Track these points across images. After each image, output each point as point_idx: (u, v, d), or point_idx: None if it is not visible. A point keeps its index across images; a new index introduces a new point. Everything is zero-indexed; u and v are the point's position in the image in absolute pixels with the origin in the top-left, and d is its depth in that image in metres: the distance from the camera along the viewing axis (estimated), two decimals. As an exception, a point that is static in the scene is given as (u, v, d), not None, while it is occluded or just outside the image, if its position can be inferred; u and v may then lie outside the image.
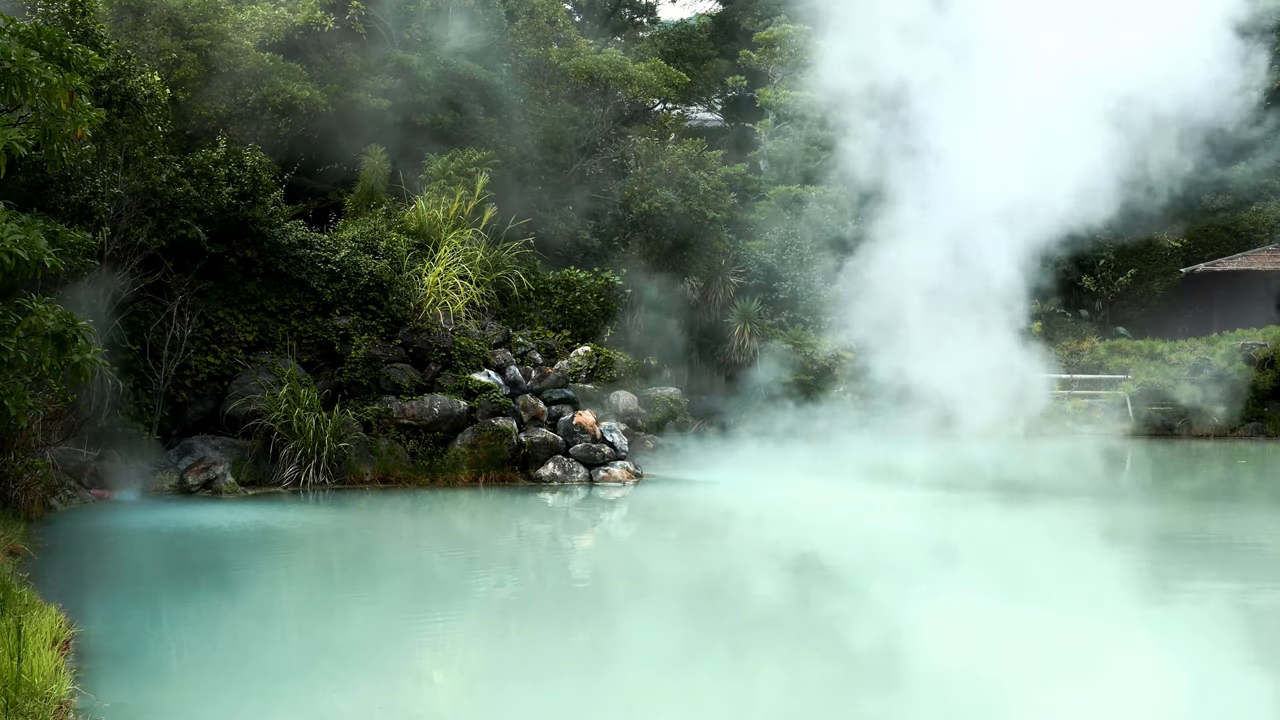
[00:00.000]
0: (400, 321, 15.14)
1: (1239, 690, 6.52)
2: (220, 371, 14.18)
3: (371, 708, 5.98)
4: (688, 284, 20.88)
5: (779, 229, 22.22)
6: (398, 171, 18.11)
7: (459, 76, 19.54)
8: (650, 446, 16.60)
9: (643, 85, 21.63)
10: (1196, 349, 23.52)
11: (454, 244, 16.04)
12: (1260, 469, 18.73)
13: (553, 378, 15.80)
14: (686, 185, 20.02)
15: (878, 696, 6.39)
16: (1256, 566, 10.40)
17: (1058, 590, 9.31)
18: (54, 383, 10.53)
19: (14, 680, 5.15)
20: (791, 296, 21.50)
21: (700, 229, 20.19)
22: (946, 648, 7.41)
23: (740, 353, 20.43)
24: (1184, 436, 22.37)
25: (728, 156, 25.37)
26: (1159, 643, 7.67)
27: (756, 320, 20.55)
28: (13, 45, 6.49)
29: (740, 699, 6.34)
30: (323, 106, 18.13)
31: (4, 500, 10.42)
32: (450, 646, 7.50)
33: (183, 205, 13.36)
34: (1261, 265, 26.39)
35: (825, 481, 15.17)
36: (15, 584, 7.03)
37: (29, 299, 6.94)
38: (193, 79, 16.44)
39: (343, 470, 13.79)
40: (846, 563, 10.65)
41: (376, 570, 9.92)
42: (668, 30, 33.55)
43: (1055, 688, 6.46)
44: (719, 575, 9.92)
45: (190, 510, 12.07)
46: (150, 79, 12.43)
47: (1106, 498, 14.33)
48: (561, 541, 11.87)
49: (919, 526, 12.49)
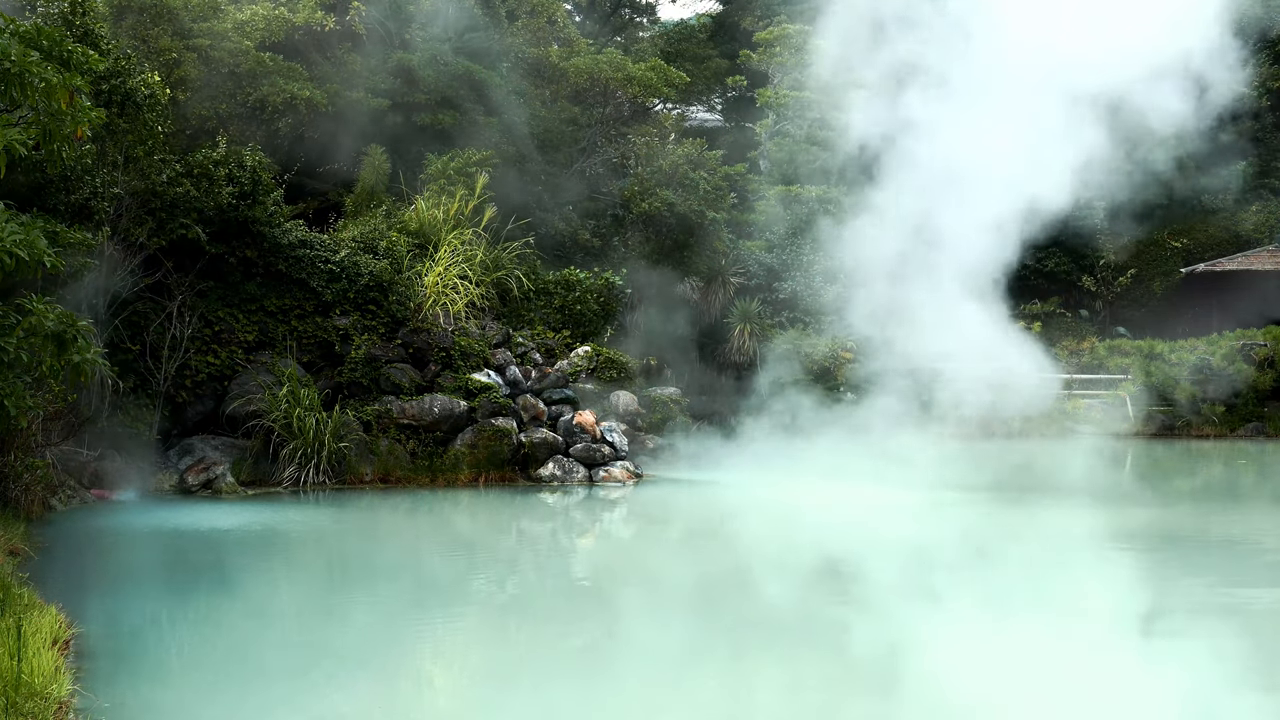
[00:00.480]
0: (400, 321, 15.14)
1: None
2: (220, 371, 14.18)
3: (371, 708, 5.98)
4: (688, 284, 20.88)
5: (779, 229, 22.22)
6: (398, 171, 18.11)
7: (459, 76, 19.54)
8: (650, 446, 16.60)
9: (643, 85, 21.63)
10: (1196, 349, 23.50)
11: (454, 244, 16.04)
12: (1260, 469, 18.73)
13: (553, 378, 15.80)
14: (686, 185, 20.02)
15: (878, 698, 6.39)
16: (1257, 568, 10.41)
17: (1062, 593, 9.31)
18: (54, 383, 10.52)
19: (14, 680, 5.15)
20: (791, 296, 21.50)
21: (700, 229, 20.18)
22: (946, 649, 7.41)
23: (740, 353, 20.42)
24: (1184, 436, 22.37)
25: (728, 156, 25.37)
26: (1168, 654, 7.66)
27: (756, 320, 20.55)
28: (13, 45, 6.49)
29: (740, 699, 6.34)
30: (323, 106, 18.14)
31: (4, 500, 10.42)
32: (450, 647, 7.50)
33: (183, 205, 13.36)
34: (1261, 265, 26.38)
35: (826, 481, 15.17)
36: (15, 584, 7.03)
37: (29, 299, 6.94)
38: (193, 79, 16.44)
39: (343, 470, 13.79)
40: (847, 563, 10.64)
41: (376, 570, 9.92)
42: (668, 30, 33.54)
43: (1070, 695, 6.46)
44: (719, 575, 9.91)
45: (190, 510, 12.07)
46: (150, 79, 12.43)
47: (1108, 498, 14.32)
48: (561, 542, 11.88)
49: (919, 527, 12.49)
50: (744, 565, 10.45)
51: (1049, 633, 7.78)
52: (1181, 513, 13.69)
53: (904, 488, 14.29)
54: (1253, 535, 12.24)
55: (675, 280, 20.57)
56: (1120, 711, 6.13)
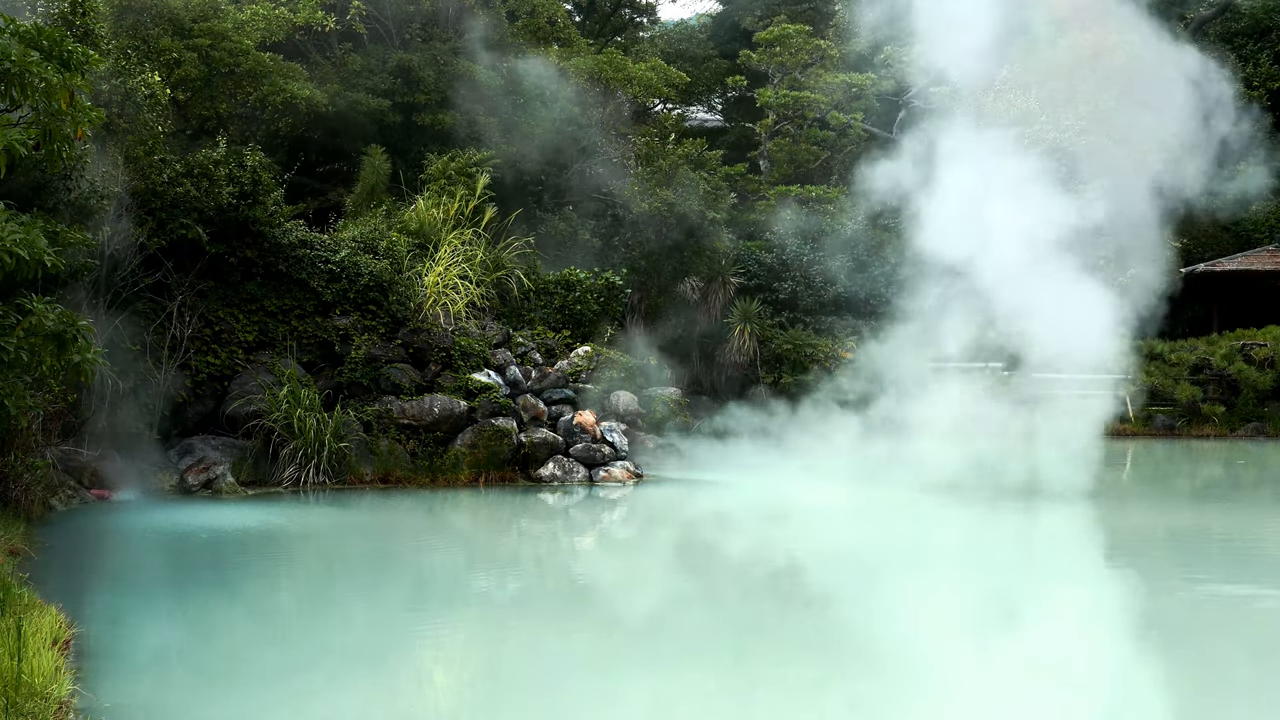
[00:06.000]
0: (400, 321, 15.14)
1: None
2: (220, 371, 14.18)
3: (371, 708, 5.98)
4: (688, 284, 20.88)
5: (779, 229, 22.21)
6: (398, 171, 18.12)
7: (459, 76, 19.55)
8: (650, 446, 16.60)
9: (643, 85, 21.64)
10: (1196, 349, 23.50)
11: (454, 244, 16.04)
12: (1261, 469, 18.73)
13: (553, 378, 15.80)
14: (686, 185, 20.02)
15: (878, 699, 6.39)
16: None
17: (1066, 595, 9.31)
18: (54, 383, 10.55)
19: (14, 680, 5.15)
20: (791, 296, 21.50)
21: (700, 229, 20.19)
22: (946, 649, 7.41)
23: (740, 353, 20.42)
24: (1184, 436, 22.37)
25: (728, 156, 25.37)
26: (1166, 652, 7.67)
27: (756, 320, 20.55)
28: (13, 45, 6.49)
29: (741, 699, 6.34)
30: (323, 106, 18.14)
31: (4, 500, 10.42)
32: (450, 647, 7.50)
33: (183, 205, 13.36)
34: (1261, 265, 26.37)
35: (827, 482, 15.17)
36: (15, 584, 7.03)
37: (29, 299, 6.94)
38: (193, 79, 16.45)
39: (343, 470, 13.79)
40: (847, 564, 10.64)
41: (377, 570, 9.92)
42: (668, 30, 33.59)
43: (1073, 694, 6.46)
44: (719, 576, 9.92)
45: (190, 510, 12.07)
46: (150, 79, 12.44)
47: (1108, 499, 14.30)
48: (562, 541, 11.88)
49: (920, 528, 12.49)
50: (744, 565, 10.44)
51: (1060, 635, 7.78)
52: (1211, 512, 13.68)
53: (907, 488, 14.27)
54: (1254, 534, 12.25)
55: (675, 280, 20.57)
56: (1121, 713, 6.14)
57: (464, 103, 19.44)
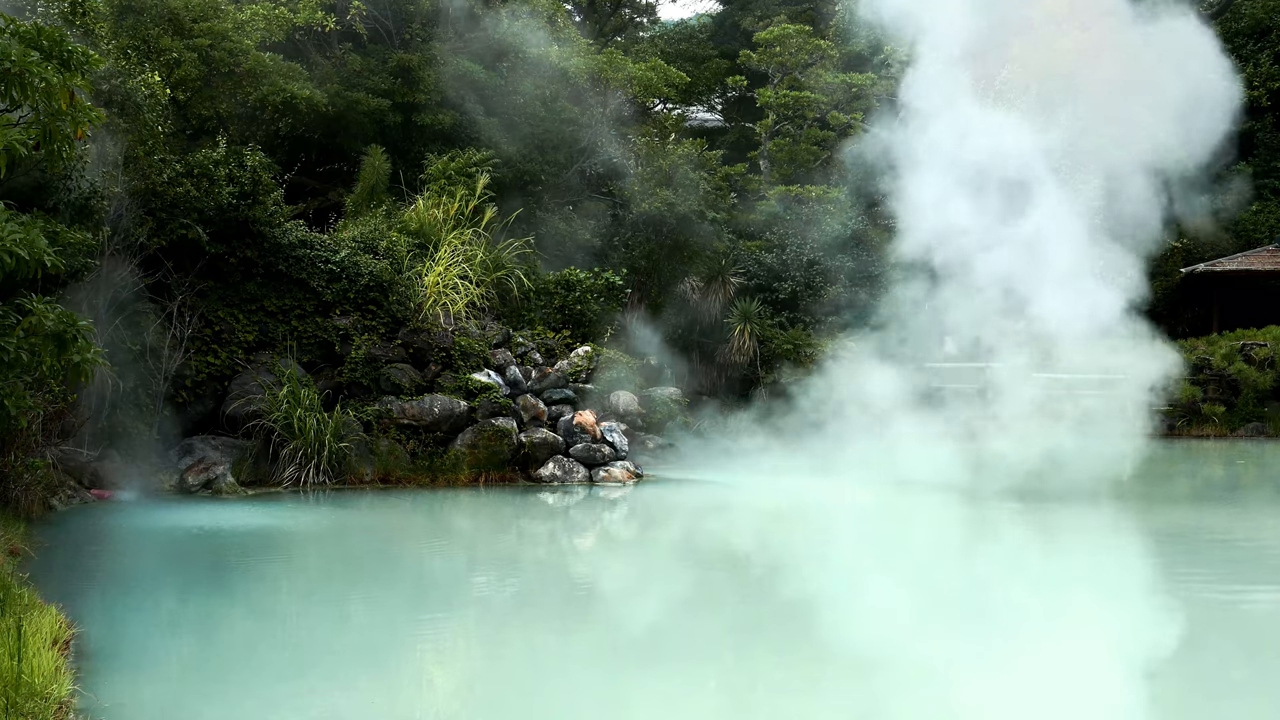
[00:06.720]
0: (400, 321, 15.14)
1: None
2: (220, 371, 14.18)
3: (371, 708, 5.98)
4: (688, 284, 20.88)
5: (779, 229, 22.22)
6: (398, 171, 18.12)
7: (459, 76, 19.55)
8: (650, 446, 16.60)
9: (643, 85, 21.65)
10: (1196, 349, 23.50)
11: (454, 244, 16.04)
12: (1261, 469, 18.72)
13: (553, 378, 15.80)
14: (686, 185, 20.02)
15: (878, 699, 6.39)
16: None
17: (1070, 595, 9.31)
18: (54, 383, 10.56)
19: (14, 680, 5.15)
20: (791, 296, 21.50)
21: (700, 229, 20.19)
22: (946, 649, 7.40)
23: (740, 353, 20.42)
24: (1184, 436, 22.37)
25: (728, 156, 25.37)
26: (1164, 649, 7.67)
27: (756, 320, 20.55)
28: (13, 45, 6.49)
29: (741, 699, 6.34)
30: (323, 106, 18.15)
31: (4, 500, 10.43)
32: (451, 647, 7.50)
33: (183, 205, 13.37)
34: (1261, 265, 26.37)
35: (827, 482, 15.17)
36: (15, 584, 7.03)
37: (29, 299, 6.94)
38: (193, 79, 16.45)
39: (343, 470, 13.79)
40: (848, 564, 10.65)
41: (377, 570, 9.91)
42: (668, 30, 33.59)
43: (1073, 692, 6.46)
44: (719, 576, 9.91)
45: (190, 510, 12.07)
46: (150, 79, 12.44)
47: (1110, 499, 14.31)
48: (562, 542, 11.87)
49: (921, 528, 12.49)
50: (745, 565, 10.44)
51: (1060, 635, 7.78)
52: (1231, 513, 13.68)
53: (908, 489, 14.28)
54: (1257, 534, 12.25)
55: (675, 280, 20.57)
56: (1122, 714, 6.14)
57: (464, 102, 19.44)
